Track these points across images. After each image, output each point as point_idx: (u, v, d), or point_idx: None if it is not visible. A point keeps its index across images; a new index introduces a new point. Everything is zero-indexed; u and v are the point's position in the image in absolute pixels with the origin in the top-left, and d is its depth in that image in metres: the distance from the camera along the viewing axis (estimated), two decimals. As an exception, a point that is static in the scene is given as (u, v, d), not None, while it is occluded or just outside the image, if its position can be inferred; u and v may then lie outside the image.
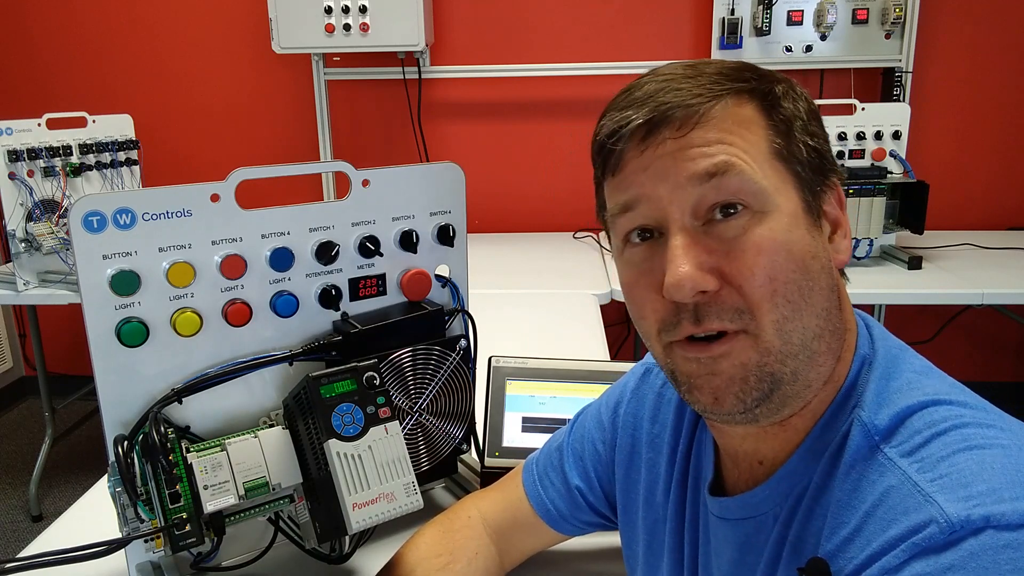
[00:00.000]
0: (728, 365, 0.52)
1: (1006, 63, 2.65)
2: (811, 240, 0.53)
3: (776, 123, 0.54)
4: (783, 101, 0.54)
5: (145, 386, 0.77)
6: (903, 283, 2.05)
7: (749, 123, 0.53)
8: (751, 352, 0.52)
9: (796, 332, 0.52)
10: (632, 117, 0.53)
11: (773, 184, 0.52)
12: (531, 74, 2.71)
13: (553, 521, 0.80)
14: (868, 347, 0.56)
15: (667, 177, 0.52)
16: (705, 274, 0.51)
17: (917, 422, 0.50)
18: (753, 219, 0.51)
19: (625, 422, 0.75)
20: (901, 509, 0.46)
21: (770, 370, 0.52)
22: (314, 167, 0.92)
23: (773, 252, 0.51)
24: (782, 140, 0.53)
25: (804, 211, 0.53)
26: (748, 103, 0.53)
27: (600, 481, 0.78)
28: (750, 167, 0.51)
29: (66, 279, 2.11)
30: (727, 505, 0.60)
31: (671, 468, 0.69)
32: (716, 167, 0.51)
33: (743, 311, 0.51)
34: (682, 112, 0.52)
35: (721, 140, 0.52)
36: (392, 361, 0.87)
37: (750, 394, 0.52)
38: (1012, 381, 2.93)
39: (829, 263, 0.54)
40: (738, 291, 0.51)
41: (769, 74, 0.56)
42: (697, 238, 0.52)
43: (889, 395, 0.53)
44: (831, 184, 0.56)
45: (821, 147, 0.55)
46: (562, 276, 2.21)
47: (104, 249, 0.73)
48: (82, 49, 2.90)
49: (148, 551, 0.72)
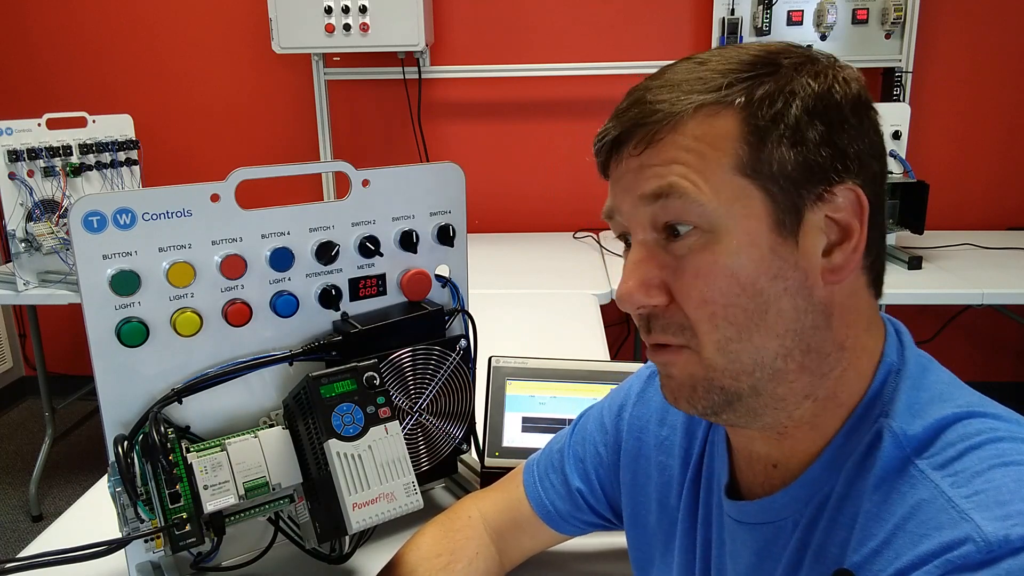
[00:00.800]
0: (677, 372, 0.55)
1: (1006, 63, 2.65)
2: (772, 260, 0.50)
3: (748, 134, 0.50)
4: (766, 107, 0.50)
5: (145, 386, 0.77)
6: (903, 283, 2.05)
7: (717, 137, 0.51)
8: (695, 366, 0.53)
9: (745, 352, 0.52)
10: (609, 129, 0.55)
11: (726, 205, 0.50)
12: (531, 74, 2.71)
13: (553, 522, 0.80)
14: (897, 355, 0.55)
15: (628, 193, 0.54)
16: (651, 289, 0.53)
17: (951, 435, 0.49)
18: (700, 240, 0.51)
19: (631, 425, 0.75)
20: (934, 524, 0.45)
21: (719, 384, 0.53)
22: (314, 167, 0.92)
23: (712, 276, 0.51)
24: (752, 153, 0.50)
25: (771, 229, 0.50)
26: (725, 113, 0.51)
27: (601, 483, 0.78)
28: (696, 189, 0.50)
29: (66, 279, 2.11)
30: (746, 509, 0.60)
31: (684, 469, 0.69)
32: (660, 189, 0.51)
33: (685, 328, 0.53)
34: (642, 131, 0.52)
35: (675, 160, 0.51)
36: (392, 361, 0.87)
37: (699, 402, 0.54)
38: (1012, 381, 2.93)
39: (804, 282, 0.51)
40: (681, 310, 0.52)
41: (774, 69, 0.52)
42: (653, 252, 0.53)
43: (921, 406, 0.51)
44: (834, 192, 0.51)
45: (813, 154, 0.50)
46: (562, 276, 2.21)
47: (104, 249, 0.73)
48: (82, 49, 2.90)
49: (148, 551, 0.72)
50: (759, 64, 0.52)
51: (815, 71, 0.52)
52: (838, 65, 0.54)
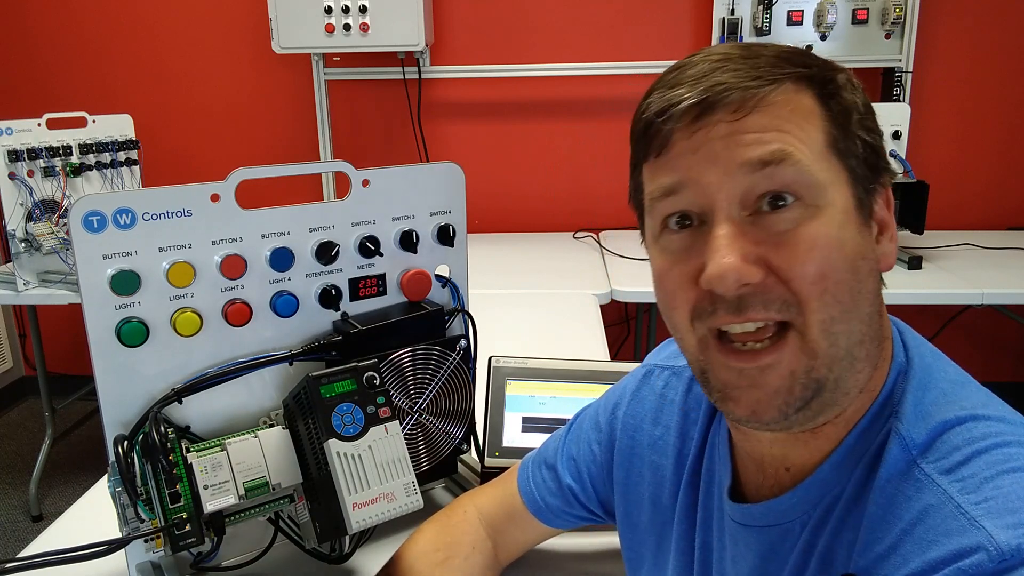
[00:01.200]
0: (775, 377, 0.50)
1: (1006, 63, 2.65)
2: (861, 240, 0.51)
3: (834, 114, 0.51)
4: (843, 91, 0.51)
5: (145, 386, 0.77)
6: (903, 283, 2.05)
7: (807, 112, 0.50)
8: (800, 357, 0.49)
9: (843, 335, 0.49)
10: (685, 95, 0.50)
11: (828, 178, 0.49)
12: (531, 74, 2.71)
13: (544, 516, 0.80)
14: (903, 355, 0.55)
15: (718, 162, 0.49)
16: (750, 265, 0.48)
17: (955, 438, 0.48)
18: (806, 212, 0.49)
19: (625, 424, 0.75)
20: (943, 530, 0.44)
21: (816, 375, 0.50)
22: (314, 167, 0.92)
23: (826, 248, 0.48)
24: (839, 132, 0.50)
25: (856, 209, 0.51)
26: (807, 91, 0.50)
27: (593, 482, 0.78)
28: (806, 158, 0.49)
29: (66, 279, 2.11)
30: (751, 512, 0.59)
31: (679, 470, 0.68)
32: (772, 155, 0.48)
33: (791, 304, 0.49)
34: (738, 95, 0.49)
35: (778, 127, 0.49)
36: (392, 361, 0.87)
37: (793, 404, 0.50)
38: (1012, 381, 2.93)
39: (876, 266, 0.53)
40: (786, 285, 0.49)
41: (828, 62, 0.53)
42: (744, 228, 0.49)
43: (926, 408, 0.51)
44: (883, 183, 0.53)
45: (876, 144, 0.53)
46: (562, 276, 2.21)
47: (104, 249, 0.73)
48: (82, 49, 2.90)
49: (148, 551, 0.72)
50: (805, 55, 0.53)
51: (847, 71, 0.54)
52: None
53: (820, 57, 0.53)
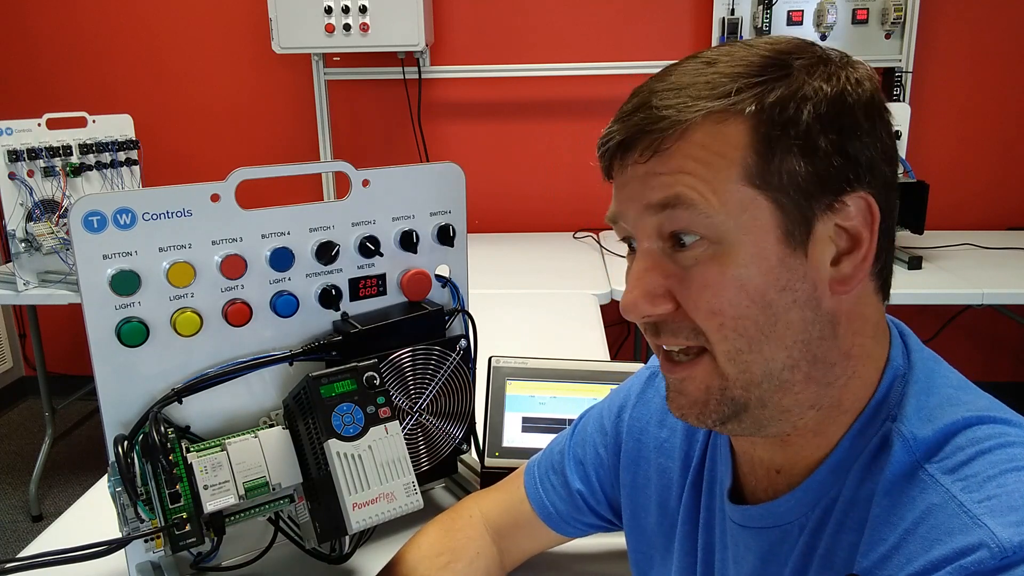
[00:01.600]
0: (692, 388, 0.54)
1: (1006, 63, 2.65)
2: (780, 272, 0.49)
3: (758, 142, 0.49)
4: (779, 112, 0.49)
5: (145, 386, 0.77)
6: (903, 283, 2.05)
7: (725, 146, 0.49)
8: (713, 376, 0.52)
9: (756, 364, 0.51)
10: (614, 133, 0.53)
11: (733, 216, 0.49)
12: (531, 74, 2.71)
13: (554, 523, 0.80)
14: (903, 359, 0.55)
15: (633, 200, 0.53)
16: (656, 299, 0.52)
17: (960, 439, 0.49)
18: (708, 251, 0.50)
19: (631, 427, 0.75)
20: (946, 529, 0.45)
21: (731, 395, 0.52)
22: (314, 167, 0.92)
23: (720, 288, 0.50)
24: (761, 163, 0.49)
25: (779, 240, 0.49)
26: (734, 120, 0.49)
27: (602, 485, 0.78)
28: (703, 199, 0.49)
29: (66, 279, 2.11)
30: (750, 513, 0.59)
31: (684, 472, 0.68)
32: (667, 199, 0.50)
33: (699, 333, 0.52)
34: (648, 138, 0.51)
35: (681, 168, 0.50)
36: (392, 361, 0.87)
37: (710, 416, 0.54)
38: (1012, 381, 2.93)
39: (812, 293, 0.50)
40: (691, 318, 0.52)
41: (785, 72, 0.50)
42: (658, 261, 0.52)
43: (930, 410, 0.51)
44: (844, 201, 0.50)
45: (824, 163, 0.49)
46: (562, 276, 2.21)
47: (104, 249, 0.73)
48: (82, 49, 2.90)
49: (148, 551, 0.72)
50: (769, 66, 0.50)
51: (827, 73, 0.50)
52: (851, 64, 0.52)
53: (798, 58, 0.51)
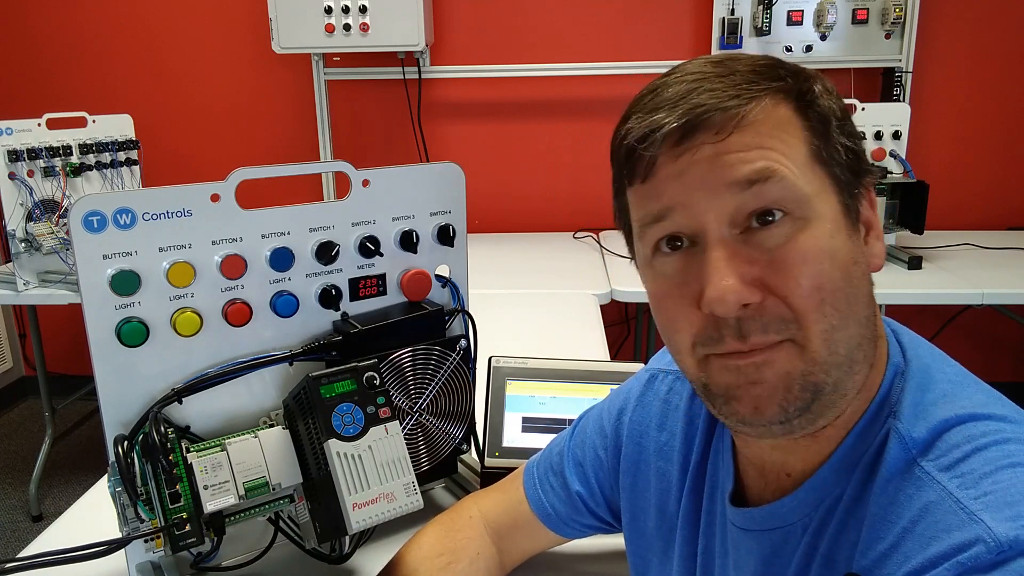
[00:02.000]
0: (771, 374, 0.50)
1: (1006, 63, 2.65)
2: (852, 245, 0.51)
3: (814, 124, 0.51)
4: (820, 100, 0.52)
5: (145, 386, 0.77)
6: (903, 283, 2.05)
7: (787, 125, 0.51)
8: (796, 361, 0.50)
9: (842, 342, 0.50)
10: (665, 120, 0.50)
11: (814, 189, 0.50)
12: (531, 74, 2.71)
13: (553, 524, 0.80)
14: (899, 355, 0.55)
15: (704, 184, 0.50)
16: (749, 286, 0.49)
17: (955, 436, 0.49)
18: (795, 226, 0.49)
19: (631, 430, 0.74)
20: (943, 526, 0.45)
21: (814, 379, 0.50)
22: (314, 167, 0.92)
23: (819, 260, 0.49)
24: (820, 142, 0.51)
25: (843, 215, 0.51)
26: (784, 103, 0.51)
27: (601, 487, 0.78)
28: (791, 173, 0.49)
29: (66, 279, 2.11)
30: (752, 516, 0.59)
31: (683, 476, 0.68)
32: (757, 174, 0.49)
33: (789, 321, 0.49)
34: (719, 115, 0.49)
35: (760, 144, 0.49)
36: (392, 361, 0.87)
37: (793, 403, 0.50)
38: (1012, 381, 2.93)
39: (867, 269, 0.53)
40: (784, 301, 0.49)
41: (802, 70, 0.53)
42: (736, 248, 0.50)
43: (925, 407, 0.51)
44: (866, 185, 0.54)
45: (857, 147, 0.53)
46: (562, 276, 2.21)
47: (104, 249, 0.73)
48: (82, 49, 2.90)
49: (148, 551, 0.72)
50: (779, 67, 0.53)
51: (821, 77, 0.54)
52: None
53: (794, 65, 0.54)
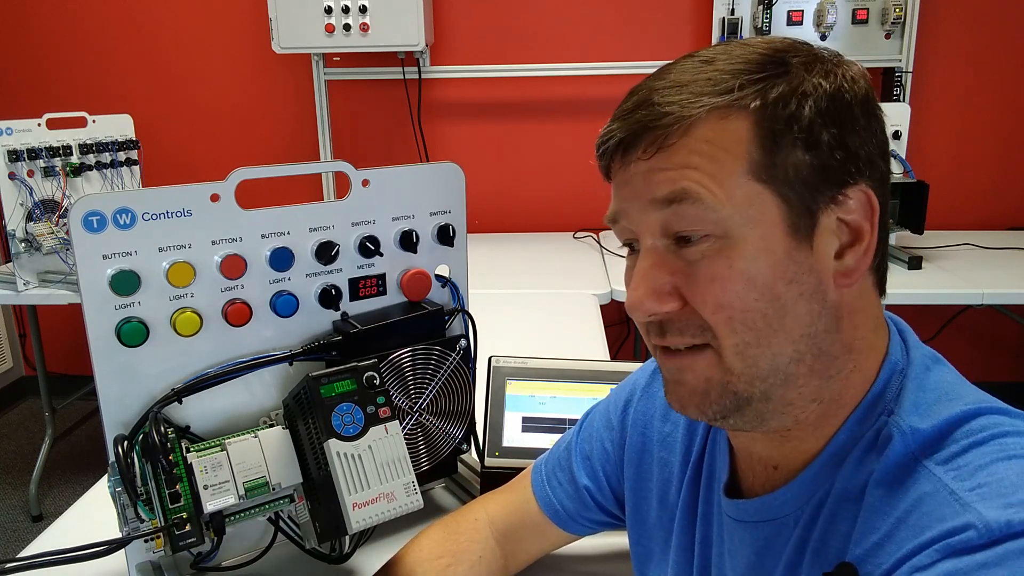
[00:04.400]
0: (692, 377, 0.54)
1: (1006, 63, 2.65)
2: (787, 265, 0.50)
3: (762, 137, 0.49)
4: (781, 107, 0.49)
5: (145, 386, 0.77)
6: (903, 283, 2.05)
7: (729, 141, 0.49)
8: (715, 368, 0.52)
9: (763, 357, 0.51)
10: (614, 131, 0.53)
11: (740, 210, 0.49)
12: (531, 74, 2.71)
13: (561, 521, 0.80)
14: (901, 355, 0.55)
15: (637, 197, 0.53)
16: (662, 297, 0.52)
17: (956, 431, 0.49)
18: (714, 246, 0.50)
19: (635, 420, 0.75)
20: (937, 516, 0.45)
21: (733, 388, 0.52)
22: (314, 167, 0.93)
23: (727, 281, 0.50)
24: (766, 157, 0.49)
25: (785, 233, 0.50)
26: (737, 116, 0.49)
27: (609, 480, 0.78)
28: (711, 194, 0.49)
29: (66, 279, 2.11)
30: (744, 508, 0.60)
31: (684, 466, 0.69)
32: (674, 195, 0.50)
33: (706, 329, 0.52)
34: (651, 134, 0.51)
35: (687, 164, 0.50)
36: (392, 361, 0.87)
37: (711, 407, 0.53)
38: (1012, 381, 2.93)
39: (819, 285, 0.51)
40: (698, 313, 0.52)
41: (792, 67, 0.51)
42: (663, 258, 0.52)
43: (928, 405, 0.51)
44: (847, 194, 0.51)
45: (827, 157, 0.50)
46: (562, 276, 2.21)
47: (104, 249, 0.73)
48: (82, 49, 2.90)
49: (148, 551, 0.72)
50: (768, 64, 0.51)
51: (825, 70, 0.51)
52: (844, 63, 0.53)
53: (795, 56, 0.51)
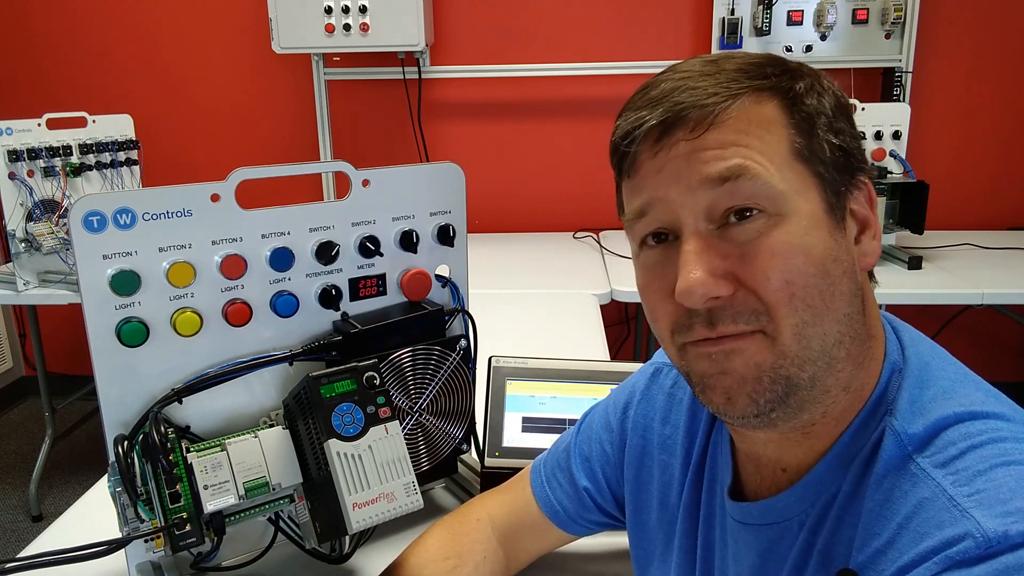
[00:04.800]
0: (741, 363, 0.51)
1: (1006, 63, 2.65)
2: (832, 243, 0.51)
3: (798, 121, 0.52)
4: (806, 97, 0.53)
5: (145, 386, 0.77)
6: (903, 283, 2.05)
7: (768, 122, 0.51)
8: (766, 353, 0.51)
9: (816, 337, 0.50)
10: (646, 118, 0.52)
11: (791, 186, 0.51)
12: (531, 74, 2.71)
13: (561, 521, 0.80)
14: (898, 353, 0.55)
15: (680, 180, 0.51)
16: (718, 279, 0.50)
17: (952, 434, 0.49)
18: (769, 222, 0.50)
19: (635, 423, 0.75)
20: (936, 522, 0.45)
21: (785, 373, 0.51)
22: (314, 167, 0.93)
23: (789, 255, 0.50)
24: (803, 139, 0.52)
25: (826, 212, 0.52)
26: (768, 101, 0.52)
27: (608, 482, 0.78)
28: (765, 170, 0.50)
29: (66, 279, 2.11)
30: (749, 510, 0.59)
31: (685, 469, 0.69)
32: (730, 171, 0.50)
33: (760, 313, 0.50)
34: (696, 112, 0.51)
35: (736, 142, 0.50)
36: (392, 361, 0.87)
37: (763, 395, 0.51)
38: (1012, 381, 2.93)
39: (853, 266, 0.53)
40: (754, 295, 0.50)
41: (795, 68, 0.54)
42: (711, 242, 0.51)
43: (924, 404, 0.51)
44: (859, 183, 0.54)
45: (847, 145, 0.54)
46: (562, 276, 2.21)
47: (104, 249, 0.73)
48: (82, 49, 2.90)
49: (148, 551, 0.72)
50: (768, 64, 0.54)
51: (818, 75, 0.55)
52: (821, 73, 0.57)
53: (788, 63, 0.55)
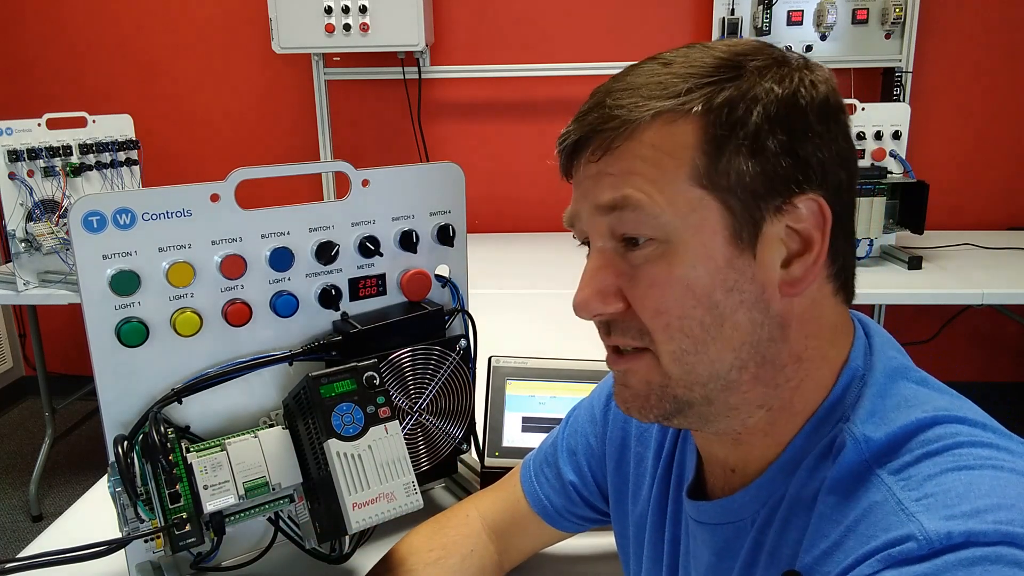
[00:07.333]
0: (635, 380, 0.55)
1: (1006, 63, 2.65)
2: (727, 273, 0.50)
3: (710, 142, 0.49)
4: (730, 114, 0.49)
5: (145, 386, 0.77)
6: (903, 283, 2.05)
7: (673, 148, 0.49)
8: (654, 372, 0.53)
9: (701, 364, 0.52)
10: (570, 133, 0.54)
11: (681, 216, 0.49)
12: (531, 74, 2.71)
13: (549, 517, 0.80)
14: (862, 360, 0.54)
15: (587, 199, 0.54)
16: (607, 297, 0.53)
17: (912, 441, 0.49)
18: (657, 250, 0.51)
19: (616, 415, 0.76)
20: (883, 526, 0.45)
21: (672, 392, 0.53)
22: (314, 167, 0.93)
23: (667, 286, 0.50)
24: (710, 164, 0.49)
25: (727, 241, 0.50)
26: (683, 121, 0.49)
27: (594, 475, 0.78)
28: (651, 201, 0.49)
29: (66, 279, 2.11)
30: (705, 509, 0.60)
31: (656, 463, 0.69)
32: (614, 202, 0.51)
33: (644, 333, 0.52)
34: (600, 138, 0.52)
35: (631, 170, 0.50)
36: (392, 361, 0.87)
37: (652, 410, 0.55)
38: (1012, 381, 2.93)
39: (761, 295, 0.50)
40: (638, 317, 0.52)
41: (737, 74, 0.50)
42: (610, 259, 0.53)
43: (885, 412, 0.51)
44: (794, 203, 0.50)
45: (772, 166, 0.49)
46: (562, 276, 2.21)
47: (104, 249, 0.73)
48: (82, 49, 2.90)
49: (148, 551, 0.72)
50: (722, 67, 0.50)
51: (781, 75, 0.51)
52: (808, 67, 0.52)
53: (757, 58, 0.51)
